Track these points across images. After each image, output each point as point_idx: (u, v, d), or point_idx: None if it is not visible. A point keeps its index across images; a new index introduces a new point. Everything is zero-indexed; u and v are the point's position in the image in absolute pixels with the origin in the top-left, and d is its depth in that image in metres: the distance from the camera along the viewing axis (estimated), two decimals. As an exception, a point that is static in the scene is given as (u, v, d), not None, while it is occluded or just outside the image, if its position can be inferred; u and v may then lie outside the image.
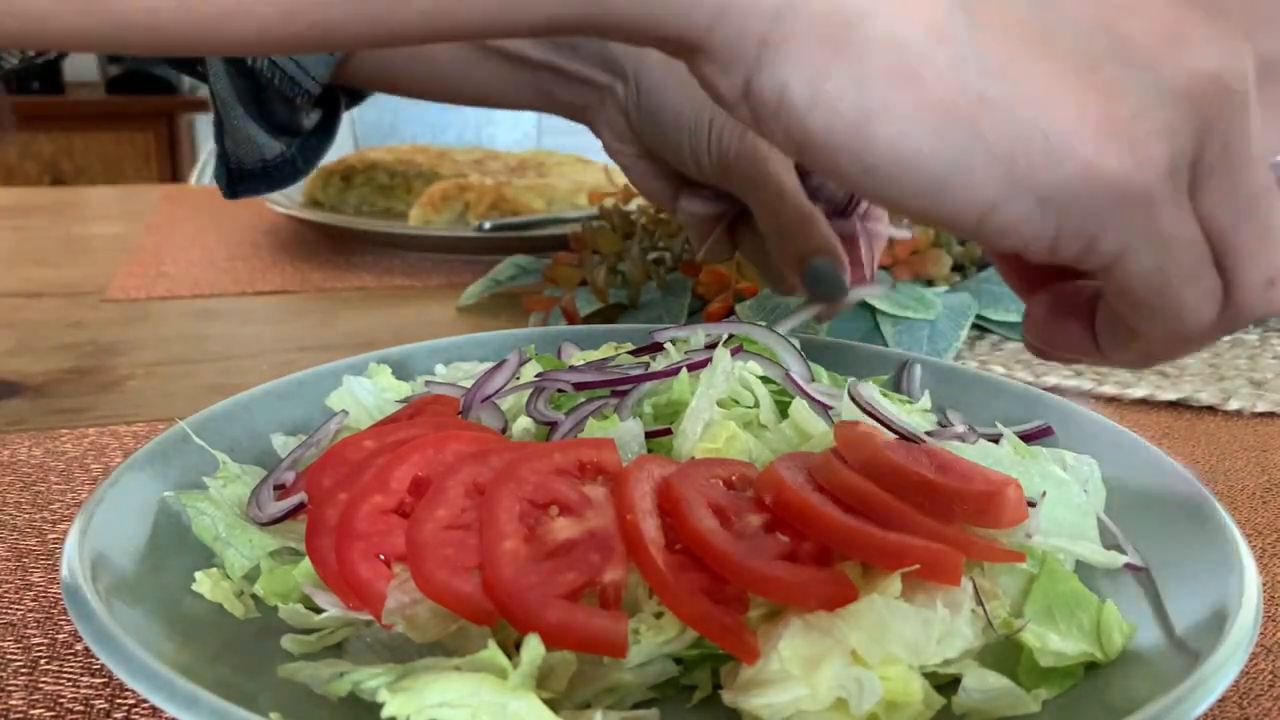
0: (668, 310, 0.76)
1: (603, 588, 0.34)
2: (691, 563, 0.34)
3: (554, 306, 0.78)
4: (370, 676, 0.31)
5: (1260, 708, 0.38)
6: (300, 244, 1.08)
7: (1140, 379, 0.68)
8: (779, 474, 0.37)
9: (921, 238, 0.78)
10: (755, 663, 0.32)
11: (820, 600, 0.33)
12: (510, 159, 1.30)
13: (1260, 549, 0.49)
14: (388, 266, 1.00)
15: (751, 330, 0.52)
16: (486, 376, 0.50)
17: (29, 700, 0.36)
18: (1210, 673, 0.30)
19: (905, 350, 0.66)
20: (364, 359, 0.55)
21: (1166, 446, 0.60)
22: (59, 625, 0.41)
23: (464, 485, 0.37)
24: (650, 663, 0.34)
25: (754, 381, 0.47)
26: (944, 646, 0.32)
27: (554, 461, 0.38)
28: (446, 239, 1.03)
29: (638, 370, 0.49)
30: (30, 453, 0.56)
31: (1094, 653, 0.34)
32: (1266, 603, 0.44)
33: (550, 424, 0.45)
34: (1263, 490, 0.55)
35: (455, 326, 0.81)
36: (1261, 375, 0.70)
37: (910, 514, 0.36)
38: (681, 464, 0.39)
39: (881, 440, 0.40)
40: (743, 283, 0.74)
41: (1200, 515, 0.40)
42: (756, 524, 0.36)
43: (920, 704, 0.32)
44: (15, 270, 0.98)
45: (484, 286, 0.86)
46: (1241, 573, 0.35)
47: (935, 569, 0.33)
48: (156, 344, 0.76)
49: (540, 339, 0.59)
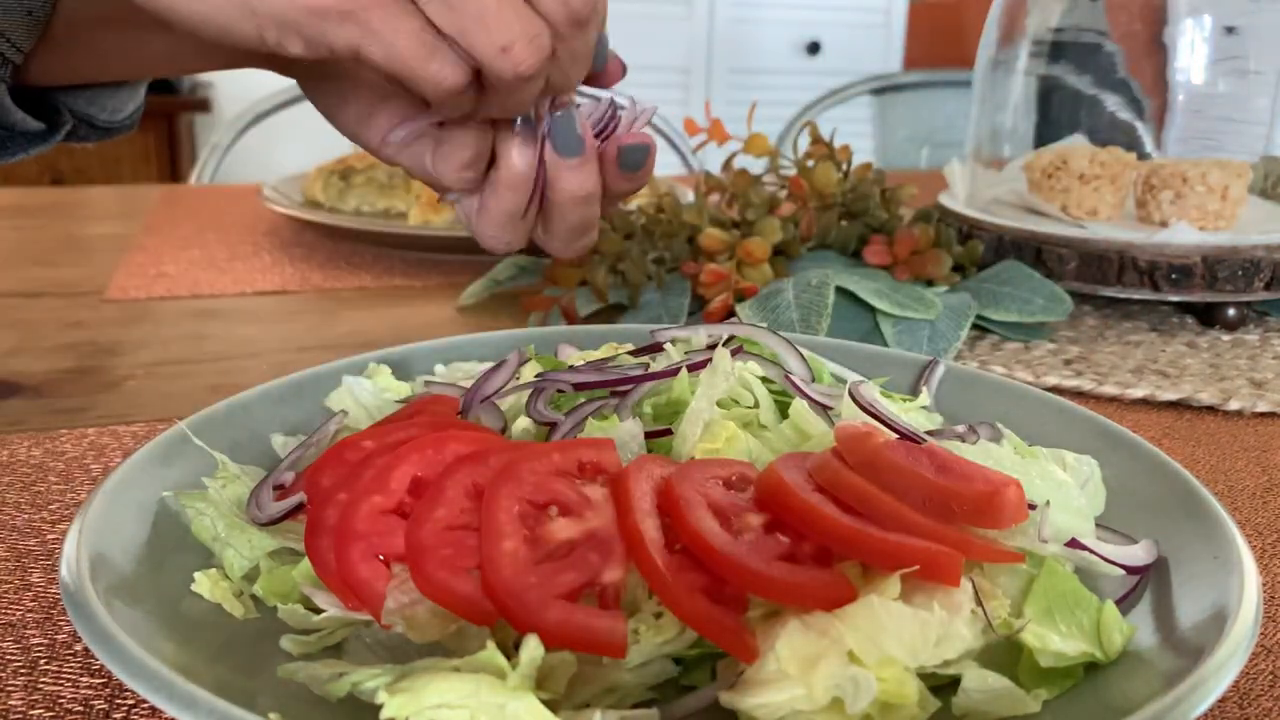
0: (668, 310, 0.76)
1: (602, 588, 0.34)
2: (691, 563, 0.34)
3: (554, 306, 0.78)
4: (369, 677, 0.31)
5: (1260, 708, 0.38)
6: (300, 244, 1.08)
7: (1140, 379, 0.68)
8: (779, 474, 0.37)
9: (921, 238, 0.78)
10: (754, 663, 0.32)
11: (819, 601, 0.33)
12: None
13: (1260, 549, 0.49)
14: (388, 266, 1.00)
15: (752, 331, 0.52)
16: (486, 376, 0.50)
17: (28, 700, 0.36)
18: (1210, 673, 0.30)
19: (905, 350, 0.66)
20: (364, 359, 0.55)
21: (1166, 446, 0.60)
22: (58, 625, 0.41)
23: (463, 486, 0.37)
24: (650, 663, 0.34)
25: (754, 382, 0.47)
26: (942, 648, 0.32)
27: (553, 462, 0.38)
28: (446, 239, 1.03)
29: (637, 370, 0.49)
30: (30, 453, 0.56)
31: (1094, 653, 0.34)
32: (1266, 603, 0.44)
33: (550, 424, 0.45)
34: (1263, 490, 0.55)
35: (455, 326, 0.81)
36: (1262, 375, 0.70)
37: (910, 514, 0.36)
38: (681, 464, 0.39)
39: (881, 440, 0.40)
40: (743, 283, 0.74)
41: (1200, 515, 0.40)
42: (756, 524, 0.36)
43: (915, 705, 0.32)
44: (15, 270, 0.98)
45: (484, 286, 0.86)
46: (1241, 573, 0.35)
47: (935, 570, 0.33)
48: (156, 344, 0.76)
49: (540, 339, 0.59)
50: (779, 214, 0.81)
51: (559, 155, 0.49)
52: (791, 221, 0.82)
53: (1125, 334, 0.78)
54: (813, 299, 0.69)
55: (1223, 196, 0.79)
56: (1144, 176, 0.83)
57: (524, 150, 0.48)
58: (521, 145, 0.48)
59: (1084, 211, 0.84)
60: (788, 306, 0.69)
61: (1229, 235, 0.78)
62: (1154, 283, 0.77)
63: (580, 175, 0.49)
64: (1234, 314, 0.78)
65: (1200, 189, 0.79)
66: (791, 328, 0.68)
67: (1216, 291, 0.76)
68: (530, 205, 0.50)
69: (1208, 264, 0.75)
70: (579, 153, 0.49)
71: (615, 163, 0.50)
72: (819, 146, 0.86)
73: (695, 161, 1.65)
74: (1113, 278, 0.78)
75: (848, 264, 0.81)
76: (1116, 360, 0.72)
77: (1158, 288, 0.77)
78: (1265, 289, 0.76)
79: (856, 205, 0.85)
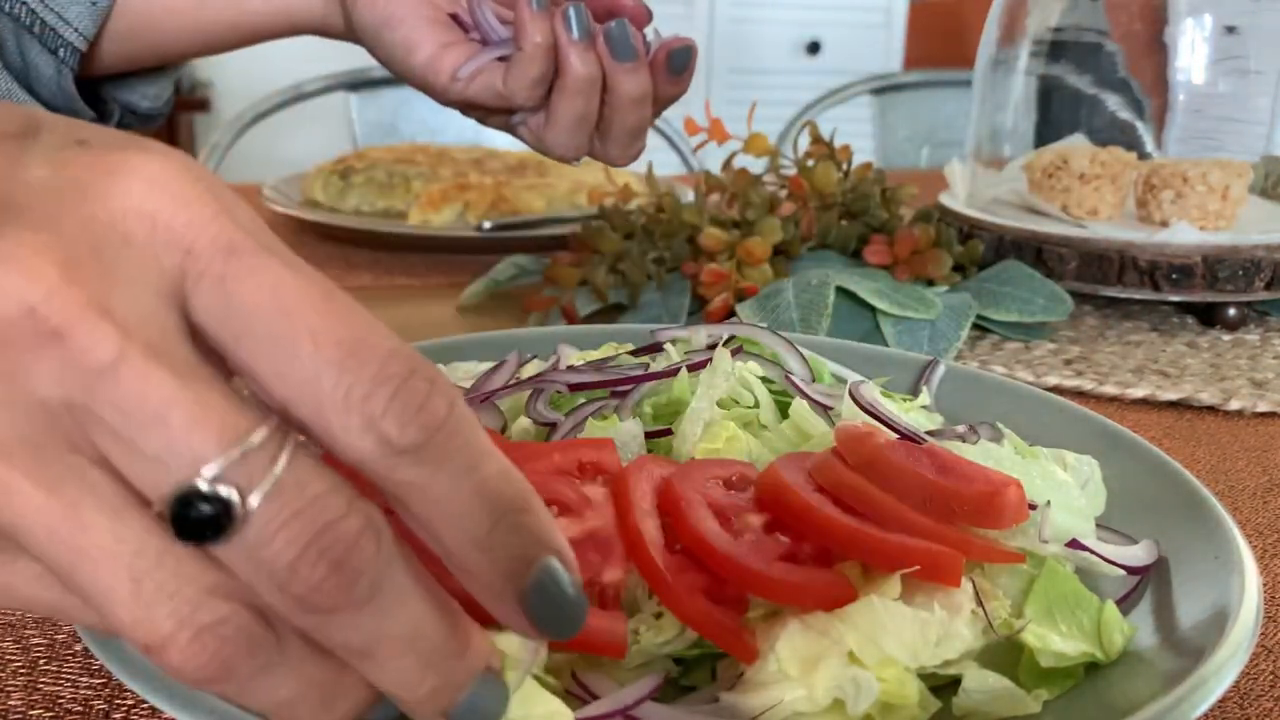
0: (668, 310, 0.76)
1: (602, 588, 0.34)
2: (691, 563, 0.34)
3: (554, 306, 0.78)
4: None
5: (1260, 708, 0.38)
6: (300, 244, 1.08)
7: (1141, 379, 0.68)
8: (779, 474, 0.37)
9: (922, 237, 0.78)
10: (754, 663, 0.32)
11: (819, 601, 0.33)
12: (510, 158, 1.30)
13: (1260, 549, 0.49)
14: (388, 266, 1.00)
15: (752, 331, 0.52)
16: (486, 376, 0.50)
17: (28, 701, 0.36)
18: (1210, 673, 0.30)
19: (905, 350, 0.66)
20: (364, 359, 0.55)
21: (1167, 446, 0.60)
22: (58, 626, 0.41)
23: (463, 485, 0.37)
24: (650, 663, 0.34)
25: (754, 382, 0.47)
26: (942, 648, 0.32)
27: (553, 462, 0.38)
28: (446, 239, 1.03)
29: (637, 371, 0.49)
30: (30, 453, 0.56)
31: (1094, 653, 0.34)
32: (1266, 603, 0.44)
33: (550, 425, 0.45)
34: (1263, 490, 0.55)
35: (455, 326, 0.81)
36: (1262, 375, 0.70)
37: (910, 514, 0.36)
38: (681, 464, 0.39)
39: (881, 440, 0.40)
40: (743, 283, 0.74)
41: (1200, 515, 0.40)
42: (756, 524, 0.36)
43: (915, 705, 0.32)
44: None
45: (484, 286, 0.86)
46: (1241, 573, 0.35)
47: (935, 570, 0.33)
48: (156, 344, 0.76)
49: (540, 339, 0.59)
50: (779, 214, 0.81)
51: (616, 60, 0.56)
52: (791, 221, 0.81)
53: (1126, 334, 0.78)
54: (813, 299, 0.69)
55: (1223, 196, 0.79)
56: (1144, 176, 0.83)
57: (586, 57, 0.56)
58: (584, 53, 0.55)
59: (1084, 211, 0.84)
60: (788, 306, 0.69)
61: (1229, 235, 0.78)
62: (1154, 283, 0.76)
63: (636, 78, 0.56)
64: (1234, 314, 0.78)
65: (1201, 189, 0.79)
66: (791, 328, 0.68)
67: (1217, 291, 0.76)
68: (592, 110, 0.57)
69: (1208, 264, 0.75)
70: (634, 58, 0.56)
71: (665, 66, 0.57)
72: (819, 146, 0.86)
73: (695, 161, 1.65)
74: (1113, 278, 0.78)
75: (848, 264, 0.81)
76: (1117, 360, 0.72)
77: (1158, 288, 0.77)
78: (1266, 289, 0.76)
79: (856, 205, 0.85)
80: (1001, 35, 0.97)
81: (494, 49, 0.58)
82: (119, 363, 0.21)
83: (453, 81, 0.58)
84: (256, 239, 0.22)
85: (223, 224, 0.22)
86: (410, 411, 0.22)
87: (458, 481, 0.23)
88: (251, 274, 0.22)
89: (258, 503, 0.21)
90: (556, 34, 0.55)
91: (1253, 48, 0.93)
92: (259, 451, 0.21)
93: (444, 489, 0.23)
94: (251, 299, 0.22)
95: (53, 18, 0.57)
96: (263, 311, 0.22)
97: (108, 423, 0.21)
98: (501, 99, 0.57)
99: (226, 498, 0.21)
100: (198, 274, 0.22)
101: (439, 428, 0.22)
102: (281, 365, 0.22)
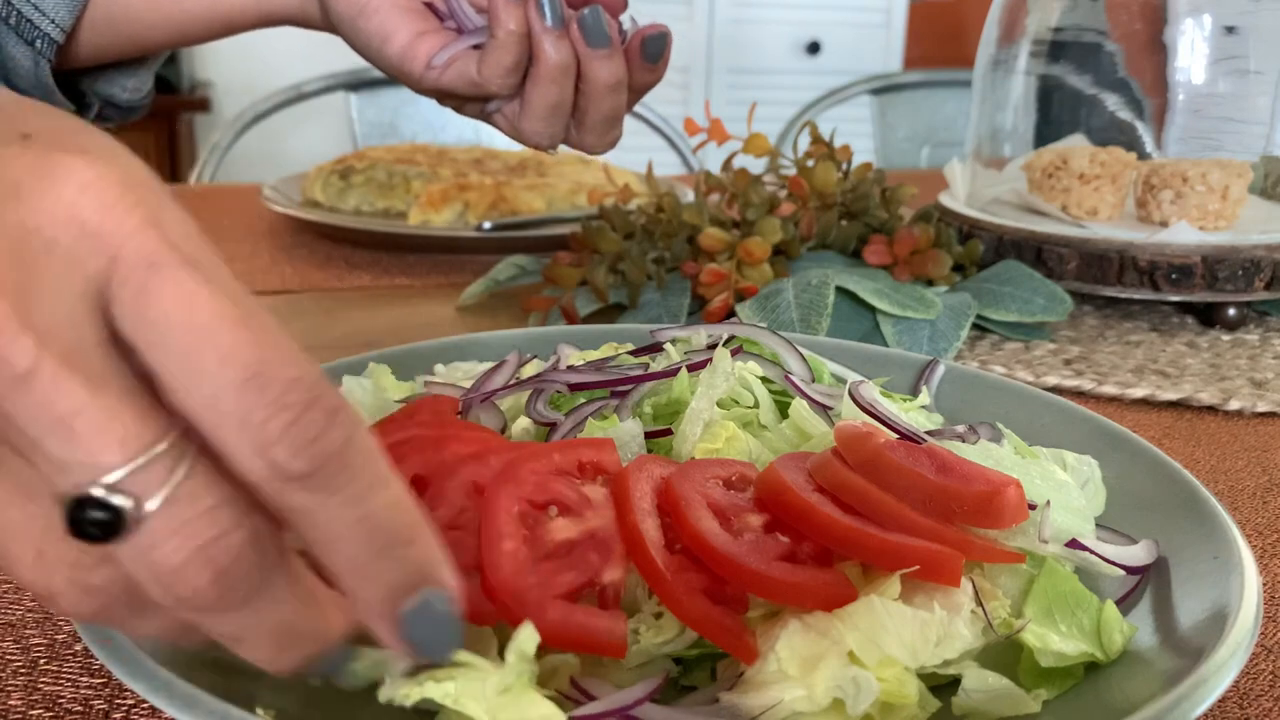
0: (668, 310, 0.76)
1: (602, 588, 0.34)
2: (691, 563, 0.34)
3: (554, 306, 0.78)
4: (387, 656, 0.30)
5: (1260, 708, 0.38)
6: (300, 244, 1.08)
7: (1140, 379, 0.68)
8: (779, 474, 0.37)
9: (922, 237, 0.78)
10: (754, 663, 0.32)
11: (819, 601, 0.33)
12: (510, 158, 1.30)
13: (1260, 549, 0.49)
14: (387, 266, 1.00)
15: (752, 331, 0.52)
16: (486, 376, 0.50)
17: (28, 700, 0.36)
18: (1210, 673, 0.30)
19: (905, 350, 0.66)
20: (364, 359, 0.55)
21: (1166, 446, 0.60)
22: (58, 626, 0.41)
23: (463, 486, 0.37)
24: (650, 663, 0.34)
25: (754, 382, 0.47)
26: (942, 648, 0.32)
27: (553, 462, 0.38)
28: (446, 239, 1.03)
29: (637, 370, 0.49)
30: (30, 453, 0.56)
31: (1094, 653, 0.34)
32: (1266, 603, 0.44)
33: (550, 424, 0.45)
34: (1263, 490, 0.55)
35: (455, 326, 0.81)
36: (1262, 375, 0.70)
37: (910, 514, 0.36)
38: (681, 464, 0.39)
39: (881, 440, 0.40)
40: (743, 283, 0.74)
41: (1200, 515, 0.40)
42: (756, 524, 0.36)
43: (915, 705, 0.32)
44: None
45: (484, 286, 0.86)
46: (1242, 573, 0.35)
47: (935, 570, 0.33)
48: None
49: (540, 339, 0.59)
50: (779, 214, 0.81)
51: (590, 47, 0.56)
52: (791, 221, 0.81)
53: (1125, 334, 0.78)
54: (813, 299, 0.69)
55: (1223, 196, 0.79)
56: (1144, 176, 0.83)
57: (559, 44, 0.56)
58: (557, 40, 0.56)
59: (1084, 211, 0.84)
60: (788, 306, 0.69)
61: (1229, 235, 0.78)
62: (1154, 283, 0.77)
63: (610, 65, 0.57)
64: (1234, 314, 0.78)
65: (1200, 189, 0.79)
66: (791, 328, 0.68)
67: (1217, 291, 0.76)
68: (567, 97, 0.57)
69: (1208, 264, 0.75)
70: (607, 44, 0.56)
71: (639, 53, 0.58)
72: (819, 146, 0.86)
73: (695, 161, 1.65)
74: (1113, 277, 0.78)
75: (848, 264, 0.81)
76: (1117, 360, 0.72)
77: (1158, 288, 0.77)
78: (1265, 289, 0.76)
79: (856, 205, 0.85)
80: (1001, 35, 0.97)
81: (469, 37, 0.58)
82: (33, 372, 0.22)
83: (427, 70, 0.58)
84: (181, 252, 0.23)
85: (147, 235, 0.23)
86: (303, 441, 0.23)
87: (344, 511, 0.24)
88: (168, 287, 0.23)
89: (153, 510, 0.23)
90: (530, 21, 0.56)
91: (1252, 48, 0.93)
92: (157, 462, 0.23)
93: (330, 516, 0.24)
94: (165, 313, 0.23)
95: (30, 9, 0.57)
96: (174, 326, 0.23)
97: (19, 424, 0.22)
98: (476, 87, 0.58)
99: (119, 506, 0.22)
100: (120, 281, 0.23)
101: (330, 458, 0.23)
102: (186, 380, 0.23)
